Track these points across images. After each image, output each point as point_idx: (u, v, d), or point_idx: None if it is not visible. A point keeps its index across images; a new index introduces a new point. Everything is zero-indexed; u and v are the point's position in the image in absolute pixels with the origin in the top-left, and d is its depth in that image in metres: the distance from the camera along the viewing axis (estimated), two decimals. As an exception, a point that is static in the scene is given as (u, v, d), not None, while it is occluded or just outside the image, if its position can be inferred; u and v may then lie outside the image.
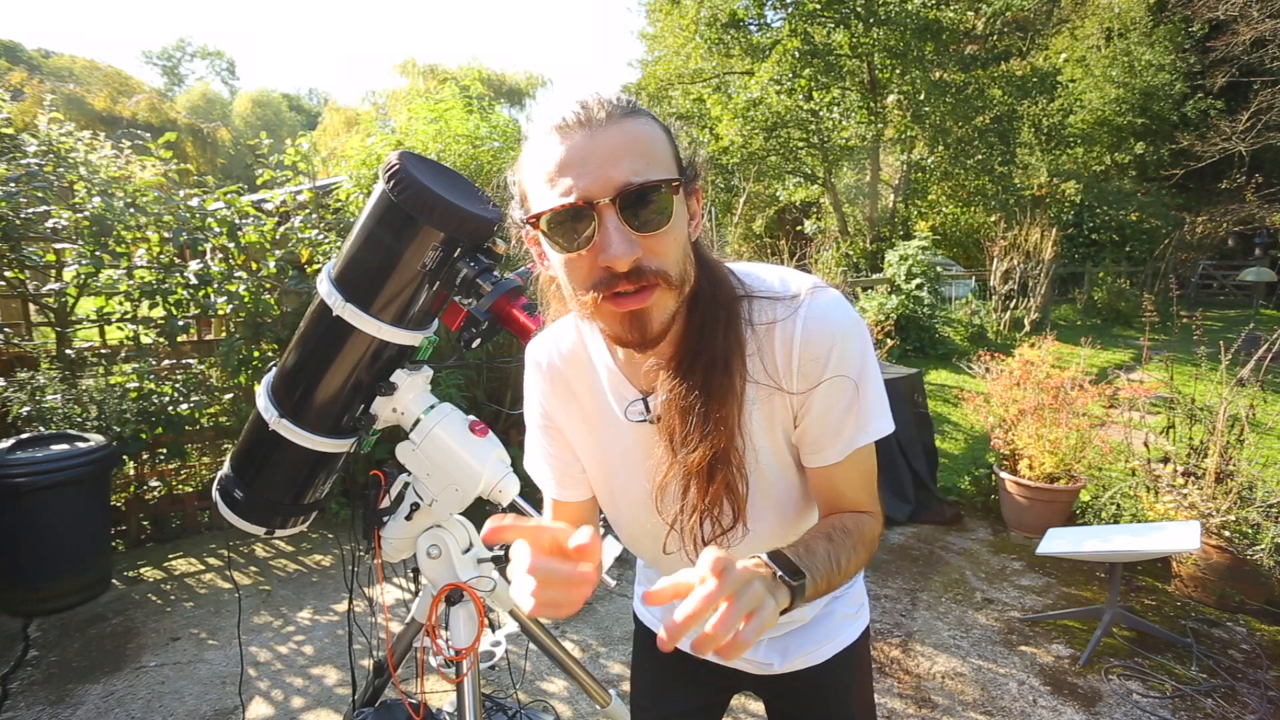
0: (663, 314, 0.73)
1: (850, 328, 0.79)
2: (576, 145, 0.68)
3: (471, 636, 1.24)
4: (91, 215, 3.15)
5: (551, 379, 0.93)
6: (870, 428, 0.81)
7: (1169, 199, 16.07)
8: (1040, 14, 15.82)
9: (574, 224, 0.69)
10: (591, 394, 0.90)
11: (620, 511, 0.97)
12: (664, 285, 0.71)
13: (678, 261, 0.72)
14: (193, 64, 47.64)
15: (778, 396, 0.81)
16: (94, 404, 3.28)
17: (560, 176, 0.68)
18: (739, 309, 0.79)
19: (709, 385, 0.76)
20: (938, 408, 6.06)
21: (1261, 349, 3.35)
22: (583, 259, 0.70)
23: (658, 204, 0.69)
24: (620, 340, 0.76)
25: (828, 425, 0.81)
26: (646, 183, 0.67)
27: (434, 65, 22.78)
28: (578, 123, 0.69)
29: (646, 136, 0.70)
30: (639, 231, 0.68)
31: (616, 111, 0.70)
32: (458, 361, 3.34)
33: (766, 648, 1.02)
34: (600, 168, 0.67)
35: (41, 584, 2.83)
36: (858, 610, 1.07)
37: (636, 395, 0.85)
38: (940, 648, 2.66)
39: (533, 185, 0.73)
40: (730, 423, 0.77)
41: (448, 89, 4.28)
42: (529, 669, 2.48)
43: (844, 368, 0.78)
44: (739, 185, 13.31)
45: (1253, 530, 2.97)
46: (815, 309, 0.78)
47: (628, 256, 0.67)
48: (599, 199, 0.67)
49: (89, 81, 24.03)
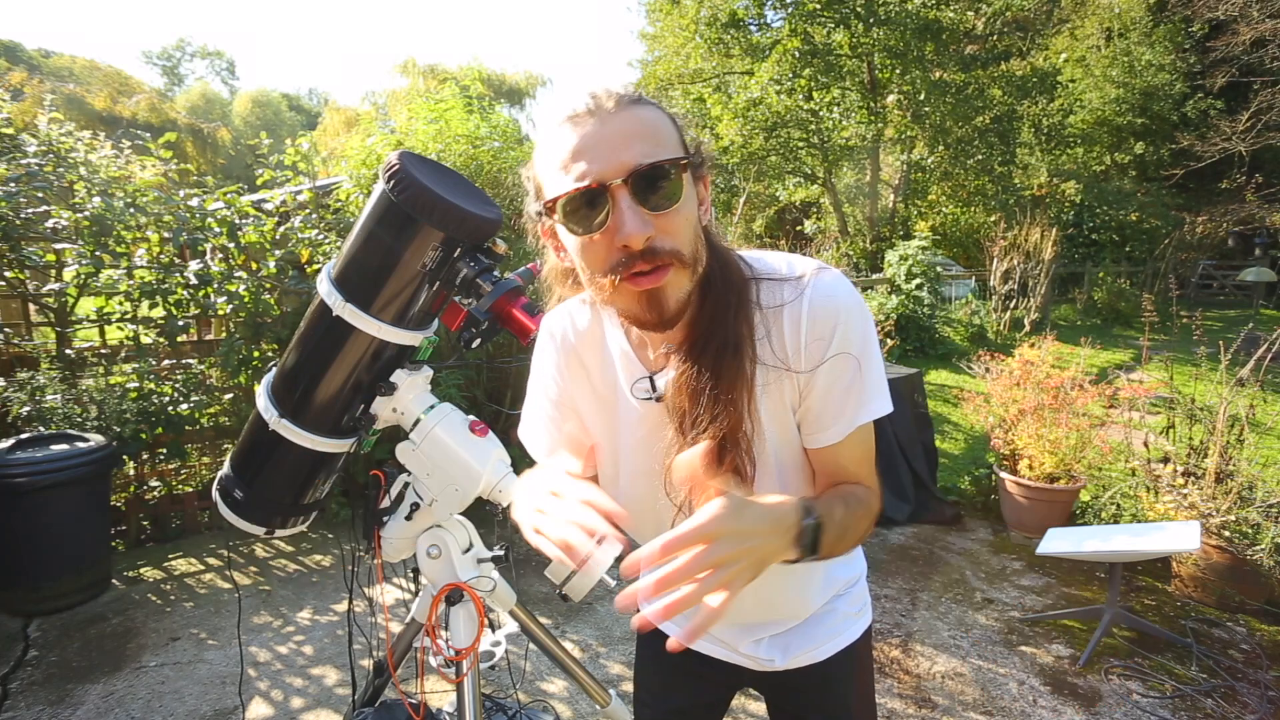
0: (678, 292, 0.75)
1: (853, 306, 0.81)
2: (588, 133, 0.71)
3: (471, 636, 1.24)
4: (91, 215, 3.15)
5: (565, 352, 0.95)
6: (871, 406, 0.82)
7: (1169, 199, 16.08)
8: (1040, 14, 15.81)
9: (589, 208, 0.71)
10: (603, 372, 0.92)
11: (625, 491, 0.97)
12: (678, 264, 0.73)
13: (690, 241, 0.75)
14: (193, 64, 47.72)
15: (786, 379, 0.82)
16: (94, 404, 3.28)
17: (574, 163, 0.71)
18: (749, 293, 0.81)
19: (719, 368, 0.78)
20: (938, 408, 6.06)
21: (1261, 349, 3.35)
22: (599, 241, 0.73)
23: (668, 184, 0.71)
24: (638, 320, 0.78)
25: (830, 403, 0.82)
26: (656, 163, 0.70)
27: (434, 65, 22.77)
28: (588, 112, 0.72)
29: (653, 121, 0.73)
30: (651, 211, 0.71)
31: (624, 100, 0.73)
32: (458, 361, 3.34)
33: (768, 644, 1.02)
34: (612, 152, 0.70)
35: (41, 584, 2.83)
36: (860, 609, 1.07)
37: (644, 374, 0.87)
38: (940, 648, 2.66)
39: (547, 175, 0.75)
40: (739, 405, 0.78)
41: (448, 89, 4.28)
42: (529, 669, 2.48)
43: (847, 345, 0.80)
44: (739, 185, 13.31)
45: (1253, 530, 2.97)
46: (820, 288, 0.80)
47: (642, 234, 0.70)
48: (612, 180, 0.69)
49: (89, 81, 24.02)
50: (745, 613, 1.01)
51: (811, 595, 1.02)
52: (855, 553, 1.08)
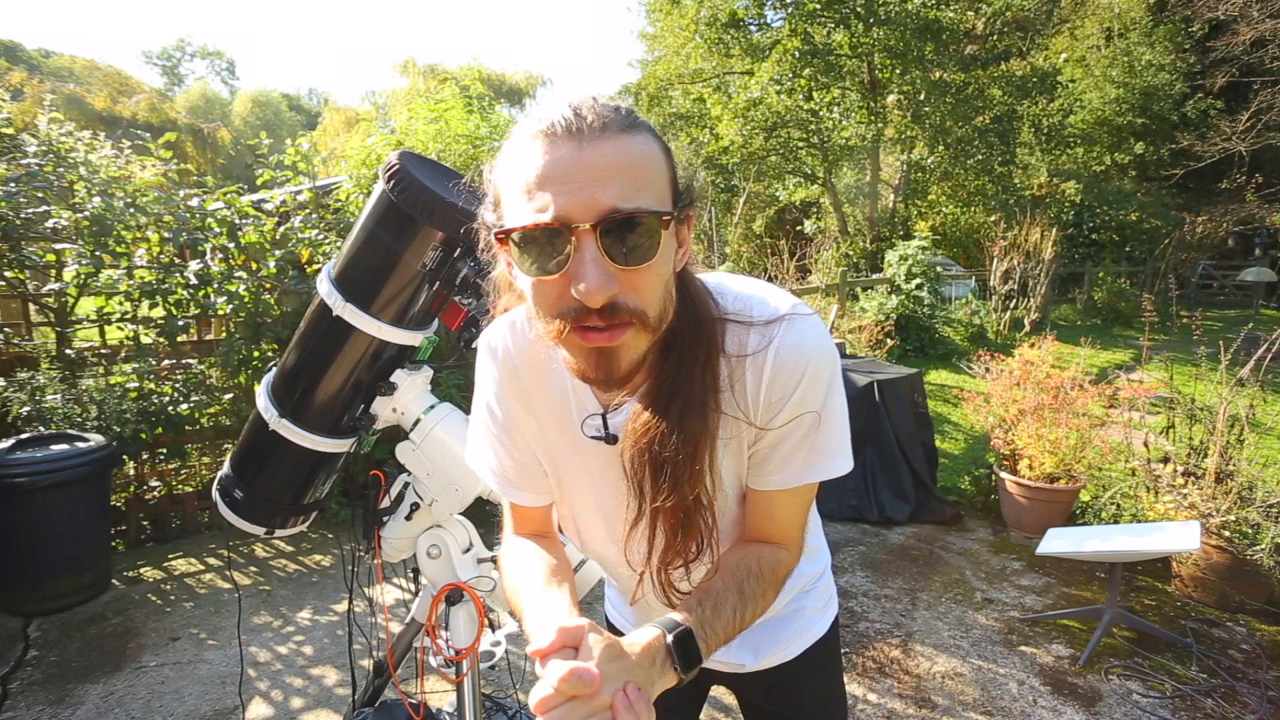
0: (633, 354, 0.66)
1: (822, 360, 0.74)
2: (562, 158, 0.60)
3: (471, 636, 1.24)
4: (91, 215, 3.15)
5: (507, 369, 0.84)
6: (821, 467, 0.77)
7: (1169, 199, 16.08)
8: (1040, 14, 15.80)
9: (548, 245, 0.61)
10: (546, 397, 0.82)
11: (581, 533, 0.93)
12: (638, 325, 0.64)
13: (657, 300, 0.66)
14: (192, 64, 47.72)
15: (745, 428, 0.77)
16: (94, 404, 3.28)
17: (539, 190, 0.61)
18: (716, 340, 0.73)
19: (685, 430, 0.70)
20: (938, 408, 6.06)
21: (1261, 349, 3.35)
22: (553, 284, 0.63)
23: (644, 236, 0.61)
24: (583, 376, 0.69)
25: (779, 454, 0.77)
26: (636, 211, 0.60)
27: (434, 65, 22.80)
28: (566, 132, 0.61)
29: (643, 157, 0.63)
30: (619, 264, 0.61)
31: (613, 124, 0.62)
32: (458, 361, 3.33)
33: (739, 648, 1.00)
34: (585, 187, 0.59)
35: (42, 584, 2.83)
36: (826, 603, 1.06)
37: (596, 409, 0.78)
38: (940, 648, 2.66)
39: (508, 193, 0.65)
40: (703, 467, 0.72)
41: (448, 89, 4.28)
42: (529, 669, 2.48)
43: (807, 403, 0.74)
44: (739, 185, 13.32)
45: (1253, 530, 2.97)
46: (789, 339, 0.73)
47: (602, 292, 0.60)
48: (579, 224, 0.59)
49: (89, 81, 24.02)
50: None
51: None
52: (819, 546, 1.05)
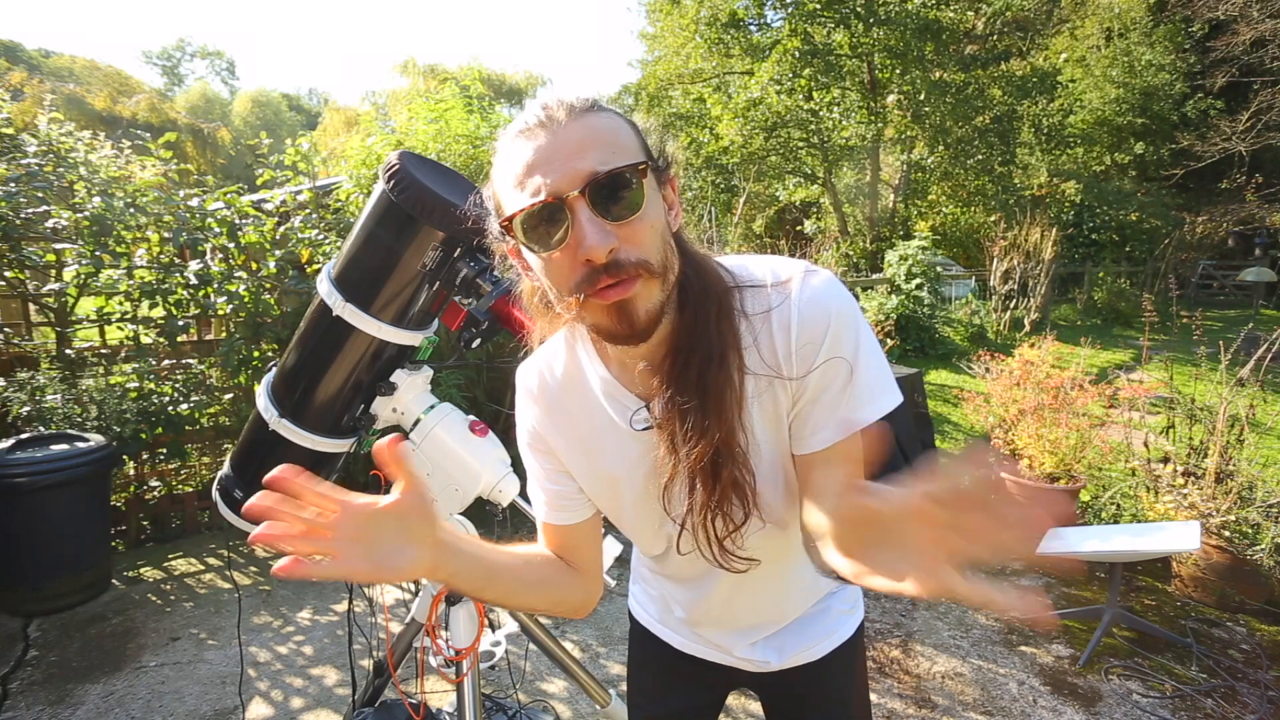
0: (648, 303, 0.71)
1: (844, 307, 0.78)
2: (541, 145, 0.68)
3: (471, 636, 1.24)
4: (91, 215, 3.15)
5: (546, 404, 0.90)
6: (865, 410, 0.78)
7: (1169, 199, 16.09)
8: (1040, 14, 15.83)
9: (548, 224, 0.68)
10: (588, 411, 0.87)
11: (631, 520, 0.95)
12: (645, 275, 0.70)
13: (657, 249, 0.71)
14: (192, 64, 47.76)
15: (779, 386, 0.79)
16: (94, 404, 3.28)
17: (528, 177, 0.68)
18: (731, 300, 0.78)
19: (704, 381, 0.75)
20: (938, 408, 6.06)
21: (1261, 349, 3.35)
22: (561, 258, 0.70)
23: (628, 192, 0.68)
24: (610, 334, 0.74)
25: (820, 408, 0.79)
26: (613, 169, 0.67)
27: (434, 65, 22.83)
28: (539, 125, 0.69)
29: (609, 129, 0.70)
30: (613, 222, 0.68)
31: (577, 110, 0.70)
32: (458, 361, 3.34)
33: (763, 646, 1.02)
34: (566, 162, 0.67)
35: (42, 584, 2.83)
36: (853, 606, 1.06)
37: (637, 403, 0.83)
38: (940, 648, 2.66)
39: (504, 191, 0.73)
40: (729, 417, 0.76)
41: (448, 89, 4.28)
42: (529, 669, 2.48)
43: (838, 348, 0.77)
44: (739, 185, 13.32)
45: (1253, 530, 2.97)
46: (808, 291, 0.77)
47: (603, 246, 0.66)
48: (568, 193, 0.66)
49: (89, 81, 24.03)
50: (739, 617, 1.01)
51: (803, 595, 1.01)
52: None
